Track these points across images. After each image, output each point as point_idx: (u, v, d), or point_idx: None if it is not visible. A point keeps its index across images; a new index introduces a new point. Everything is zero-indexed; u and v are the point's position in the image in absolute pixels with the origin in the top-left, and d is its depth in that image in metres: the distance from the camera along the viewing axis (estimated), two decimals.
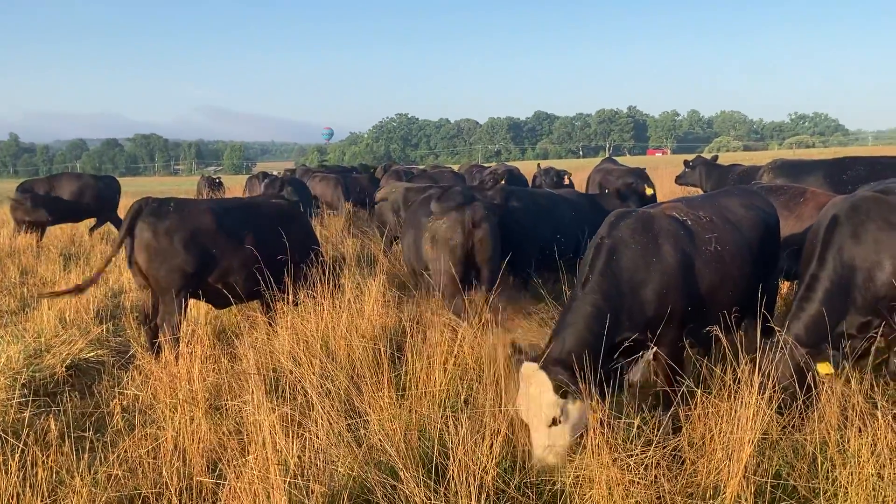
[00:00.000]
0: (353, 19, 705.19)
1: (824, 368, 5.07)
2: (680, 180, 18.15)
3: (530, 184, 18.09)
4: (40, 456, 4.57)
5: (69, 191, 17.06)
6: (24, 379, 6.35)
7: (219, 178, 28.78)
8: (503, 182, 13.48)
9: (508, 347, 5.39)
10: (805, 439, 4.71)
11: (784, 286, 8.41)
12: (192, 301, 7.66)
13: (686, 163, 17.82)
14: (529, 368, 4.84)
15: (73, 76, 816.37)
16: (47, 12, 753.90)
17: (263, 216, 8.02)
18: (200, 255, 7.31)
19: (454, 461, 4.26)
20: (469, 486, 4.11)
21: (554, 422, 4.71)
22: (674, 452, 4.68)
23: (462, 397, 5.66)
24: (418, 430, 4.98)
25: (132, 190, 40.89)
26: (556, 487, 4.52)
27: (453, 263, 7.44)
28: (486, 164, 27.55)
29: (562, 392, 4.68)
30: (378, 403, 5.23)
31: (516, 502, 4.40)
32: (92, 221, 18.17)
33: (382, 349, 6.03)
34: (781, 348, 5.08)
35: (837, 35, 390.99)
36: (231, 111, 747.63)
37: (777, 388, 4.85)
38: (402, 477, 4.29)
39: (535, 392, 4.76)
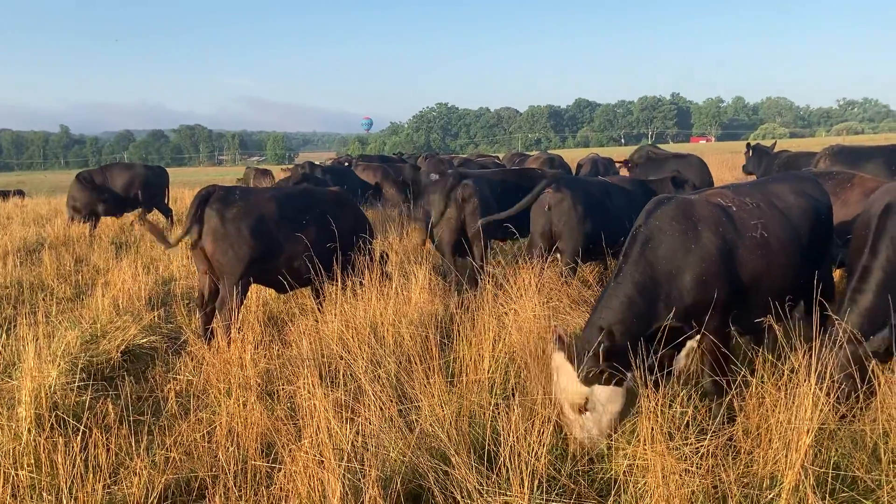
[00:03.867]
0: (390, 7, 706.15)
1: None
2: (745, 168, 18.03)
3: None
4: (101, 438, 4.69)
5: (122, 180, 17.41)
6: (82, 364, 6.50)
7: (261, 167, 29.40)
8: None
9: (552, 335, 5.38)
10: (864, 430, 4.60)
11: (836, 274, 8.21)
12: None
13: (747, 146, 17.78)
14: (558, 359, 4.85)
15: (115, 67, 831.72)
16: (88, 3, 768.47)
17: (322, 204, 8.12)
18: (265, 241, 7.44)
19: (505, 448, 4.25)
20: (521, 473, 4.10)
21: (581, 410, 4.74)
22: (729, 442, 4.61)
23: (511, 383, 5.65)
24: (469, 416, 4.98)
25: (179, 180, 41.62)
26: (608, 475, 4.50)
27: (448, 230, 9.35)
28: (527, 153, 27.39)
29: (588, 381, 4.69)
30: (428, 390, 5.25)
31: (568, 490, 4.38)
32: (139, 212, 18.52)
33: (431, 335, 6.05)
34: (839, 338, 4.94)
35: (887, 18, 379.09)
36: (270, 101, 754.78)
37: (836, 378, 4.75)
38: (454, 462, 4.29)
39: (564, 382, 4.79)
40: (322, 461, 4.23)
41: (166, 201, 18.78)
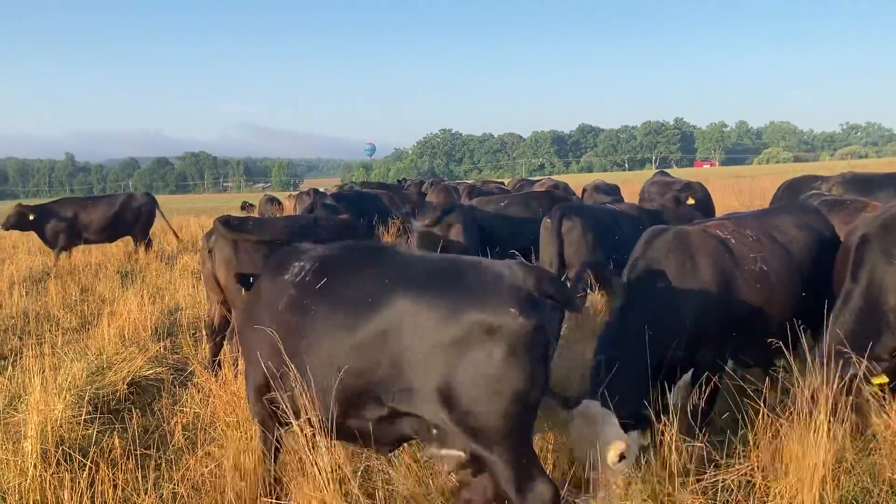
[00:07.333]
0: (393, 35, 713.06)
1: (879, 379, 4.91)
2: None
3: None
4: (107, 474, 4.63)
5: (99, 211, 17.23)
6: (89, 396, 6.44)
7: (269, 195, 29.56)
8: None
9: None
10: (883, 463, 4.54)
11: None
12: None
13: None
14: (596, 408, 4.54)
15: (114, 94, 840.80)
16: (93, 32, 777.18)
17: (331, 232, 8.13)
18: None
19: None
20: None
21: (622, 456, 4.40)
22: (744, 476, 4.54)
23: None
24: None
25: (184, 207, 41.70)
26: None
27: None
28: (531, 179, 27.51)
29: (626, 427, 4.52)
30: None
31: None
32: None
33: None
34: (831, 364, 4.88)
35: (891, 42, 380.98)
36: (271, 129, 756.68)
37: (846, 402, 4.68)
38: None
39: (610, 432, 4.46)
40: (324, 500, 4.16)
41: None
